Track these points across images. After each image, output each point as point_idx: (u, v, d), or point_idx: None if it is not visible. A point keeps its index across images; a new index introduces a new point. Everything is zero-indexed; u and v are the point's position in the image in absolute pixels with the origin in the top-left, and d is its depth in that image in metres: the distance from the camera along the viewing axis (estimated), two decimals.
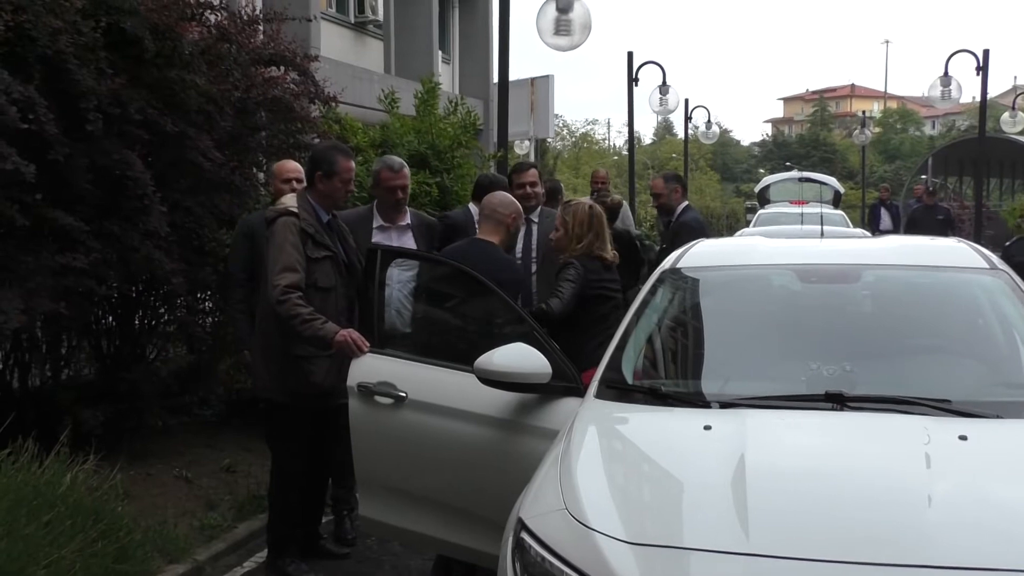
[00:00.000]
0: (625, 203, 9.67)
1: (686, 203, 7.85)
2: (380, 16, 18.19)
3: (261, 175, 7.13)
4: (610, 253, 5.24)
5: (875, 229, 19.66)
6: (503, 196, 5.31)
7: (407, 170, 5.58)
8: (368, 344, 4.27)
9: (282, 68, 6.78)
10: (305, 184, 5.03)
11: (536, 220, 6.17)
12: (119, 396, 6.20)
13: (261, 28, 6.87)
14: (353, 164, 4.93)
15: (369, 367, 4.19)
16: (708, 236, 6.38)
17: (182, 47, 5.74)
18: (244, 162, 6.53)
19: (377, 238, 5.35)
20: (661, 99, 21.16)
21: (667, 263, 4.33)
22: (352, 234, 5.07)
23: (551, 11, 10.18)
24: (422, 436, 4.02)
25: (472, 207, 6.33)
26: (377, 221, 5.50)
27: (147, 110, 5.58)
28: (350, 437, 4.16)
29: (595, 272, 5.11)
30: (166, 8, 5.74)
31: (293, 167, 5.75)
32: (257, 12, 6.93)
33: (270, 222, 4.74)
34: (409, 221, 5.56)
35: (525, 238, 6.01)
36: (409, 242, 5.48)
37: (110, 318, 6.58)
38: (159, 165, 5.93)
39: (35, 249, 5.26)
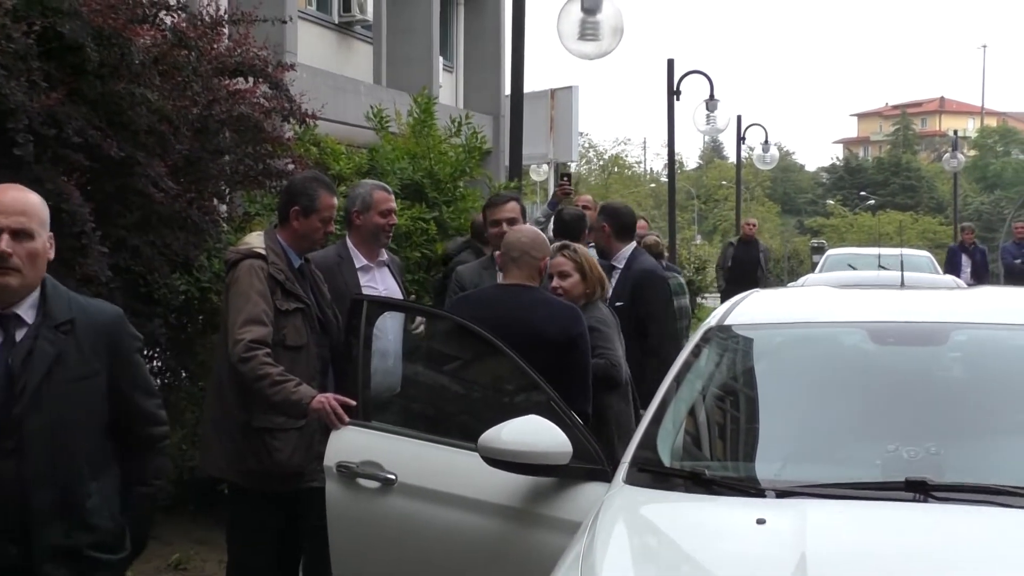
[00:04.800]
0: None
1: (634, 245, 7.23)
2: (369, 15, 18.32)
3: (223, 208, 7.19)
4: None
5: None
6: (533, 233, 5.34)
7: None
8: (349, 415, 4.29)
9: (250, 79, 6.87)
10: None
11: None
12: None
13: (226, 31, 6.96)
14: (336, 200, 4.99)
15: (351, 443, 4.21)
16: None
17: (131, 55, 5.82)
18: (203, 192, 6.59)
19: (364, 281, 5.39)
20: (708, 116, 21.35)
21: (713, 319, 4.36)
22: (332, 279, 5.11)
23: (575, 12, 10.28)
24: (414, 528, 4.03)
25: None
26: (359, 260, 5.50)
27: (88, 131, 5.65)
28: (326, 529, 4.17)
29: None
30: (113, 8, 5.82)
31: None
32: (222, 13, 7.02)
33: (232, 265, 4.80)
34: (384, 257, 5.63)
35: None
36: (392, 282, 5.56)
37: None
38: (100, 196, 5.99)
39: None
